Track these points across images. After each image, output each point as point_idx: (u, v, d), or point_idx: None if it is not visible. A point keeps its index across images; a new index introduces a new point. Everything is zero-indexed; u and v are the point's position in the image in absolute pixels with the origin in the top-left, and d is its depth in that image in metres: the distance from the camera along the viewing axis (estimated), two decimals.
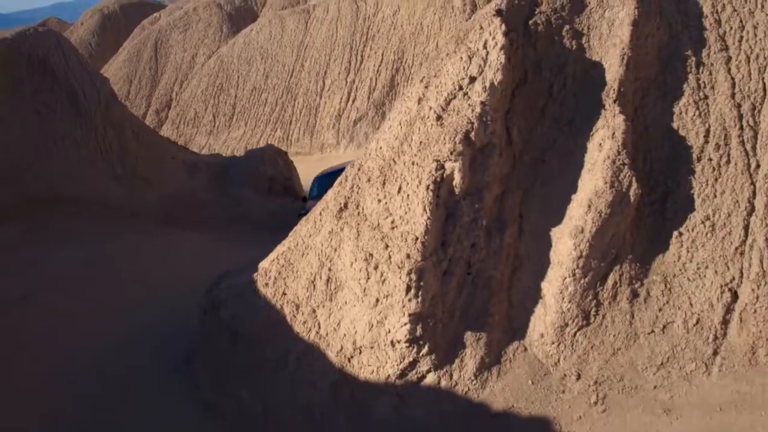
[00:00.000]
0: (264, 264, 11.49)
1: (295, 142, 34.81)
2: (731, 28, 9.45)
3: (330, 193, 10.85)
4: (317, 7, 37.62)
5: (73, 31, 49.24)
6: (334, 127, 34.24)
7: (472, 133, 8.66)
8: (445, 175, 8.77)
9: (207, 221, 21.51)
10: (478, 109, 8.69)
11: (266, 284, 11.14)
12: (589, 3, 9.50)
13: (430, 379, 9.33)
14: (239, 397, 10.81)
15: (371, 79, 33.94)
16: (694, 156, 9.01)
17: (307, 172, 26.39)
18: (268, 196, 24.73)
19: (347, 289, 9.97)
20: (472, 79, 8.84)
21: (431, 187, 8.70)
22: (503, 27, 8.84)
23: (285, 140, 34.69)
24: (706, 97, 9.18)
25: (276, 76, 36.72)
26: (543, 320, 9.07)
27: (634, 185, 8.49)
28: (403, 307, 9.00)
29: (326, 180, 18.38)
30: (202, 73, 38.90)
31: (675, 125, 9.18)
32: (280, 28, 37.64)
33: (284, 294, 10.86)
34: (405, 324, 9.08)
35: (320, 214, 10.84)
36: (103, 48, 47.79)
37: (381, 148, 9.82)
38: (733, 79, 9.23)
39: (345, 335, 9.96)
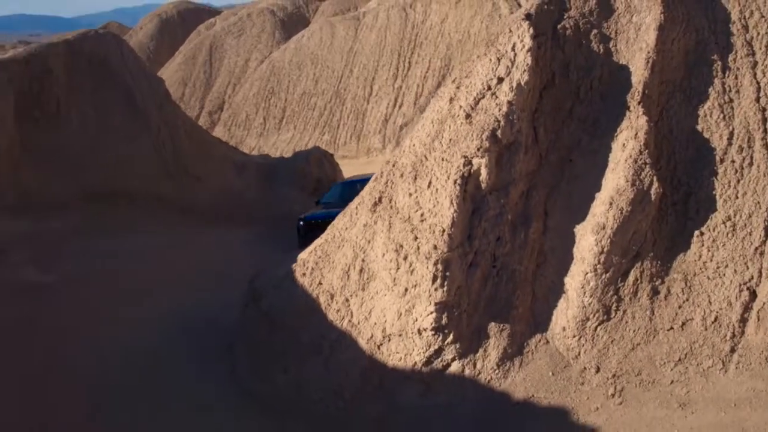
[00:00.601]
0: (303, 255, 12.02)
1: (342, 145, 35.50)
2: (758, 33, 9.64)
3: (366, 188, 11.35)
4: (367, 14, 38.32)
5: (132, 34, 50.98)
6: (380, 131, 34.82)
7: (499, 131, 9.06)
8: (472, 170, 9.18)
9: (254, 218, 22.23)
10: (504, 108, 9.08)
11: (304, 274, 11.66)
12: (617, 8, 9.81)
13: (455, 367, 9.71)
14: (275, 382, 11.29)
15: (418, 86, 34.45)
16: (718, 158, 9.22)
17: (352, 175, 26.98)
18: (314, 196, 25.39)
19: (379, 279, 10.43)
20: (500, 80, 9.24)
21: (458, 181, 9.12)
22: (531, 30, 9.23)
23: (332, 144, 35.40)
24: (731, 100, 9.39)
25: (325, 81, 37.51)
26: (565, 314, 9.38)
27: (656, 184, 8.75)
28: (430, 296, 9.43)
29: (345, 187, 18.91)
30: (254, 77, 39.96)
31: (699, 128, 9.41)
32: (330, 34, 38.45)
33: (320, 284, 11.36)
34: (431, 313, 9.50)
35: (356, 208, 11.35)
36: (160, 51, 49.41)
37: (414, 145, 10.28)
38: (758, 83, 9.42)
39: (375, 323, 10.41)
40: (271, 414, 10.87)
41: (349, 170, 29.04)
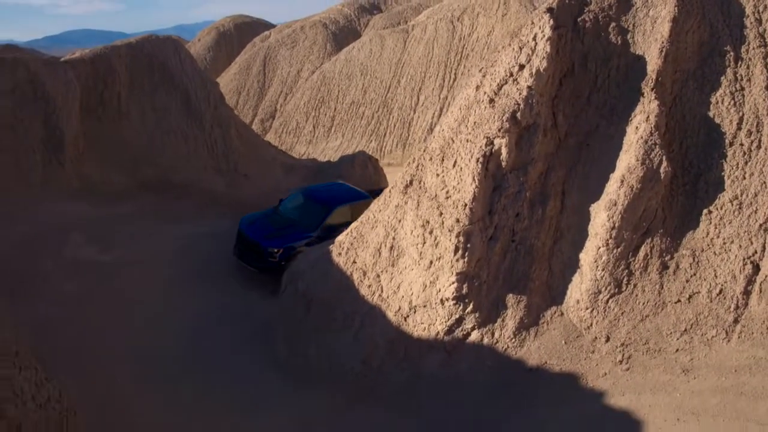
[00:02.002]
0: (340, 237, 12.83)
1: (388, 153, 36.27)
2: None
3: (400, 173, 12.13)
4: (416, 27, 39.20)
5: (190, 46, 52.61)
6: (425, 140, 35.47)
7: (519, 113, 9.76)
8: (493, 150, 9.88)
9: None
10: (524, 93, 9.78)
11: (339, 254, 12.46)
12: (635, 2, 10.42)
13: (474, 336, 10.36)
14: (307, 354, 12.06)
15: None
16: (727, 141, 9.73)
17: None
18: None
19: (407, 254, 11.15)
20: (521, 67, 9.95)
21: (480, 160, 9.83)
22: (551, 22, 9.92)
23: (379, 151, 36.18)
24: (743, 88, 9.88)
25: (374, 91, 38.44)
26: (579, 287, 9.95)
27: (665, 163, 9.31)
28: (452, 266, 10.12)
29: (305, 199, 16.77)
30: (305, 87, 41.13)
31: (711, 114, 9.93)
32: (379, 46, 39.44)
33: (354, 262, 12.14)
34: (453, 283, 10.18)
35: (389, 191, 12.13)
36: (216, 62, 51.07)
37: (443, 130, 11.02)
38: None
39: (403, 296, 11.12)
40: (304, 385, 11.61)
41: (393, 177, 29.67)
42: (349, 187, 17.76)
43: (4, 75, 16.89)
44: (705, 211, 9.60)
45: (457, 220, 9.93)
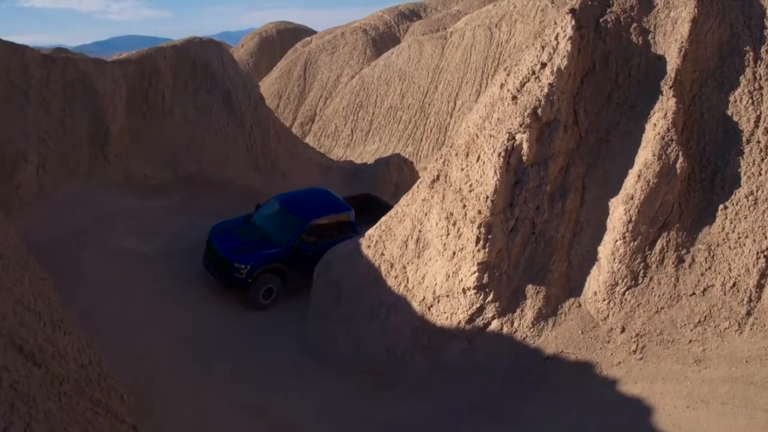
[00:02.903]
0: (370, 231, 13.31)
1: (424, 157, 36.67)
2: None
3: (427, 168, 12.57)
4: (454, 33, 39.59)
5: (234, 52, 53.79)
6: None
7: (540, 110, 10.12)
8: (515, 144, 10.25)
9: None
10: (545, 90, 10.14)
11: (368, 246, 12.94)
12: (657, 4, 10.70)
13: (494, 325, 10.72)
14: (337, 342, 12.56)
15: None
16: (744, 139, 9.93)
17: None
18: (393, 199, 26.65)
19: (432, 246, 11.57)
20: (543, 65, 10.31)
21: (502, 154, 10.21)
22: (573, 22, 10.27)
23: (415, 155, 36.63)
24: (761, 87, 10.08)
25: (411, 96, 38.92)
26: (597, 280, 10.25)
27: (681, 159, 9.57)
28: (474, 257, 10.51)
29: (281, 206, 16.14)
30: (344, 92, 41.82)
31: (729, 112, 10.14)
32: (418, 52, 39.93)
33: (382, 254, 12.60)
34: (474, 272, 10.57)
35: (417, 186, 12.58)
36: (259, 67, 52.24)
37: (468, 126, 11.44)
38: None
39: (427, 287, 11.54)
40: (332, 371, 12.12)
41: None
42: (331, 197, 16.93)
43: (56, 73, 17.79)
44: (721, 206, 9.82)
45: (479, 212, 10.32)
